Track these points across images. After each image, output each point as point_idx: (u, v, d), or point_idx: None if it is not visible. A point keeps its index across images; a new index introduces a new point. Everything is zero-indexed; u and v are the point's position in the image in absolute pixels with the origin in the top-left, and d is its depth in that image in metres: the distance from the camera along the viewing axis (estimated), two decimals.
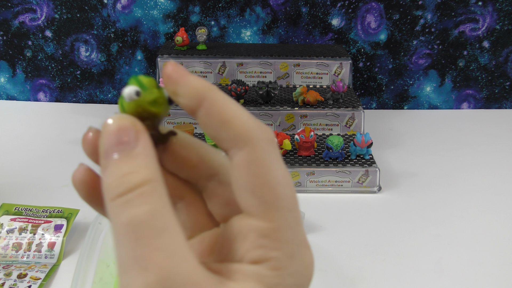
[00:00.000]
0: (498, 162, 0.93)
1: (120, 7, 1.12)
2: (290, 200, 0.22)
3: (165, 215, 0.19)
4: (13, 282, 0.60)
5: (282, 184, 0.21)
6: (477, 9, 1.10)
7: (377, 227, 0.73)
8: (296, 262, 0.22)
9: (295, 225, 0.22)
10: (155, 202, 0.19)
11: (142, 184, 0.20)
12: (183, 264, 0.19)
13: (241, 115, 0.21)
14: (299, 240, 0.22)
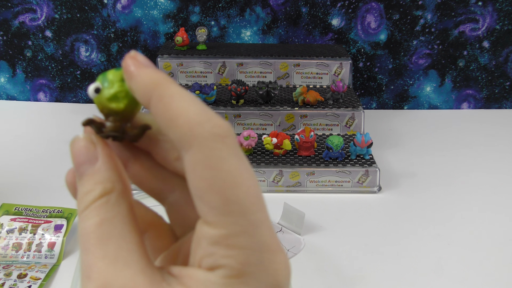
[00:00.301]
0: (498, 162, 0.93)
1: (120, 7, 1.12)
2: (244, 202, 0.19)
3: (114, 224, 0.20)
4: (13, 282, 0.60)
5: (232, 185, 0.19)
6: (477, 9, 1.10)
7: (377, 227, 0.73)
8: (255, 270, 0.20)
9: (252, 230, 0.19)
10: (104, 213, 0.20)
11: (96, 199, 0.20)
12: (123, 271, 0.19)
13: (188, 111, 0.19)
14: (260, 245, 0.20)
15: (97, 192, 0.21)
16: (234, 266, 0.19)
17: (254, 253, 0.20)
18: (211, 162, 0.19)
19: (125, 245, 0.20)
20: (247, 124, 0.93)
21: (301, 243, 0.69)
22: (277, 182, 0.82)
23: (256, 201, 0.20)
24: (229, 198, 0.19)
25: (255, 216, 0.20)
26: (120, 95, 0.22)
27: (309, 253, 0.67)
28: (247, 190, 0.20)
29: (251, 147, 0.84)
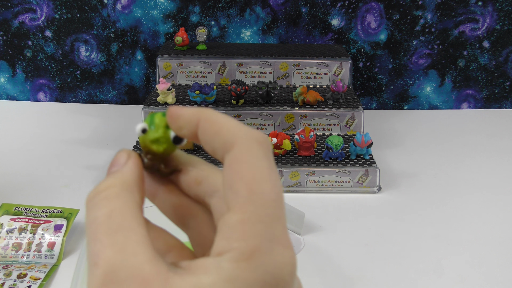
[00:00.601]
0: (498, 162, 0.93)
1: (120, 7, 1.12)
2: (267, 196, 0.22)
3: (124, 215, 0.22)
4: (13, 282, 0.60)
5: (260, 180, 0.22)
6: (477, 9, 1.10)
7: (377, 227, 0.73)
8: (264, 258, 0.21)
9: (269, 221, 0.21)
10: (115, 204, 0.22)
11: (107, 188, 0.23)
12: (131, 259, 0.20)
13: (229, 124, 0.23)
14: (273, 237, 0.21)
15: (108, 182, 0.23)
16: (245, 250, 0.21)
17: (266, 242, 0.21)
18: (246, 158, 0.22)
19: (134, 237, 0.21)
20: (247, 124, 0.93)
21: (301, 243, 0.69)
22: None
23: (277, 199, 0.22)
24: (255, 190, 0.22)
25: (274, 211, 0.22)
26: (162, 140, 0.25)
27: (309, 253, 0.67)
28: (271, 188, 0.22)
29: None
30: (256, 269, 0.21)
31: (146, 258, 0.21)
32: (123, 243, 0.21)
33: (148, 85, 1.18)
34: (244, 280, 0.20)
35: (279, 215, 0.22)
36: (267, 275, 0.21)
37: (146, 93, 1.19)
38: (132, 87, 1.19)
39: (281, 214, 0.22)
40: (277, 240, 0.21)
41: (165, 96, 0.92)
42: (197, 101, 0.92)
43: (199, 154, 0.84)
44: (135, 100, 1.20)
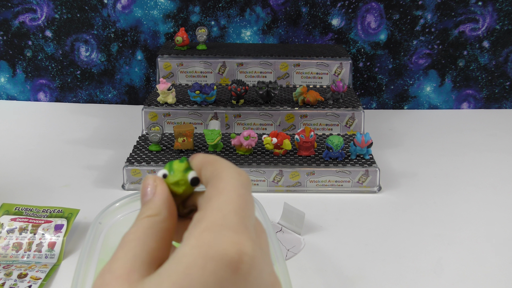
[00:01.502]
0: (498, 162, 0.93)
1: (120, 7, 1.12)
2: (231, 196, 0.27)
3: (143, 235, 0.28)
4: (14, 282, 0.60)
5: (230, 188, 0.27)
6: (477, 9, 1.10)
7: (377, 227, 0.73)
8: (210, 237, 0.25)
9: (226, 212, 0.26)
10: (141, 226, 0.28)
11: (144, 217, 0.29)
12: (128, 257, 0.27)
13: (221, 160, 0.30)
14: (225, 223, 0.25)
15: (147, 213, 0.29)
16: (196, 232, 0.25)
17: (216, 226, 0.25)
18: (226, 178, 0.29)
19: (143, 247, 0.27)
20: (247, 124, 0.93)
21: (301, 243, 0.69)
22: (277, 182, 0.82)
23: (240, 201, 0.27)
24: (222, 192, 0.27)
25: (234, 207, 0.26)
26: (181, 182, 0.31)
27: (309, 253, 0.67)
28: (238, 195, 0.27)
29: (251, 147, 0.84)
30: (200, 246, 0.24)
31: (141, 259, 0.27)
32: (132, 247, 0.27)
33: (148, 85, 1.18)
34: (189, 255, 0.24)
35: (239, 212, 0.26)
36: (211, 250, 0.24)
37: (146, 93, 1.19)
38: (132, 87, 1.19)
39: (241, 212, 0.26)
40: (229, 227, 0.25)
41: (165, 96, 0.92)
42: (197, 101, 0.92)
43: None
44: (135, 100, 1.20)
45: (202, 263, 0.24)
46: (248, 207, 0.27)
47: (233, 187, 0.28)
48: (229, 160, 0.82)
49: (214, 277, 0.24)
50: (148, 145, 0.87)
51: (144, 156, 0.84)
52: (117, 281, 0.25)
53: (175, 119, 0.93)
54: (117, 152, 0.95)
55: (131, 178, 0.82)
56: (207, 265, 0.24)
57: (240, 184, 0.28)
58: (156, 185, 0.30)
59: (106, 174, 0.87)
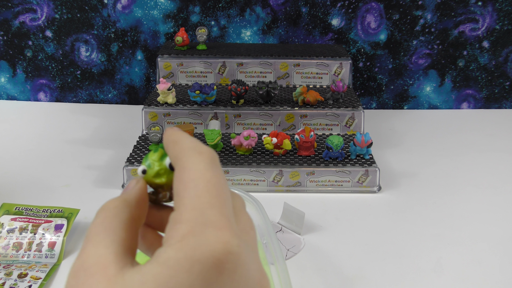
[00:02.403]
0: (498, 162, 0.93)
1: (120, 7, 1.12)
2: (201, 188, 0.26)
3: (112, 221, 0.27)
4: (14, 281, 0.60)
5: (195, 178, 0.26)
6: (477, 9, 1.10)
7: (377, 227, 0.74)
8: (194, 239, 0.24)
9: (203, 208, 0.25)
10: (108, 214, 0.27)
11: (108, 203, 0.28)
12: (102, 250, 0.25)
13: (182, 140, 0.28)
14: (206, 221, 0.25)
15: (114, 200, 0.28)
16: (177, 234, 0.24)
17: (198, 225, 0.24)
18: (187, 166, 0.27)
19: (112, 236, 0.26)
20: (247, 124, 0.93)
21: (301, 242, 0.69)
22: (277, 182, 0.82)
23: (211, 189, 0.26)
24: (189, 186, 0.26)
25: (209, 199, 0.25)
26: (161, 172, 0.29)
27: (309, 253, 0.67)
28: (205, 182, 0.26)
29: (251, 147, 0.84)
30: (186, 249, 0.24)
31: (113, 250, 0.25)
32: (101, 239, 0.26)
33: (148, 85, 1.19)
34: (175, 259, 0.23)
35: (215, 203, 0.25)
36: (197, 252, 0.23)
37: (146, 93, 1.19)
38: (132, 87, 1.19)
39: (216, 202, 0.25)
40: (211, 224, 0.24)
41: (165, 96, 0.92)
42: (197, 101, 0.92)
43: None
44: (135, 100, 1.20)
45: (189, 266, 0.23)
46: (221, 191, 0.26)
47: (198, 174, 0.26)
48: (229, 160, 0.83)
49: (201, 279, 0.23)
50: (148, 145, 0.87)
51: (144, 156, 0.84)
52: (94, 279, 0.24)
53: (175, 119, 0.93)
54: (117, 152, 0.95)
55: (131, 178, 0.82)
56: (193, 268, 0.23)
57: (204, 168, 0.26)
58: (139, 181, 0.30)
59: (106, 174, 0.87)
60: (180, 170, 0.27)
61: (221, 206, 0.26)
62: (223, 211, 0.25)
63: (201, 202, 0.25)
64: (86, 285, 0.24)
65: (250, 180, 0.82)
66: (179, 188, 0.26)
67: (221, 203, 0.26)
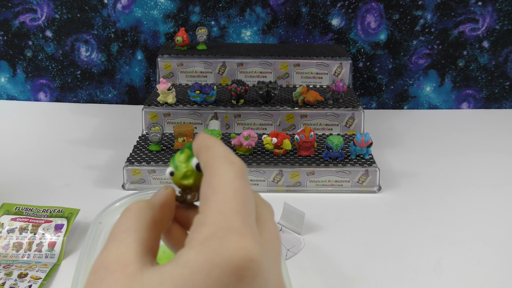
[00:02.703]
0: (498, 162, 0.93)
1: (120, 7, 1.12)
2: (229, 195, 0.26)
3: (134, 222, 0.27)
4: (14, 281, 0.60)
5: (224, 185, 0.26)
6: (477, 9, 1.10)
7: (377, 227, 0.74)
8: (216, 243, 0.24)
9: (228, 214, 0.25)
10: (131, 215, 0.28)
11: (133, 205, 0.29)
12: (123, 248, 0.26)
13: (215, 147, 0.29)
14: (230, 226, 0.25)
15: (139, 202, 0.29)
16: (200, 237, 0.24)
17: (221, 230, 0.24)
18: (217, 172, 0.27)
19: (133, 235, 0.26)
20: (247, 124, 0.93)
21: (301, 242, 0.69)
22: (277, 182, 0.82)
23: (238, 197, 0.26)
24: (218, 191, 0.26)
25: (235, 206, 0.26)
26: (188, 173, 0.30)
27: (309, 253, 0.67)
28: (234, 190, 0.26)
29: (251, 147, 0.84)
30: (206, 251, 0.24)
31: (134, 250, 0.26)
32: (123, 238, 0.26)
33: (148, 85, 1.19)
34: (195, 261, 0.23)
35: (240, 210, 0.25)
36: (217, 256, 0.23)
37: (147, 93, 1.19)
38: (132, 87, 1.19)
39: (242, 210, 0.26)
40: (234, 230, 0.24)
41: (166, 96, 0.92)
42: (197, 101, 0.92)
43: None
44: (136, 100, 1.20)
45: (207, 270, 0.23)
46: (247, 201, 0.27)
47: (227, 182, 0.27)
48: None
49: (219, 284, 0.23)
50: (148, 145, 0.87)
51: (144, 156, 0.84)
52: (113, 276, 0.24)
53: (175, 119, 0.93)
54: (117, 152, 0.95)
55: (131, 178, 0.82)
56: (212, 271, 0.23)
57: (234, 177, 0.27)
58: (167, 188, 0.31)
59: (106, 174, 0.87)
60: (209, 175, 0.27)
61: (246, 214, 0.26)
62: (247, 219, 0.25)
63: (227, 208, 0.25)
64: (105, 282, 0.24)
65: (250, 180, 0.82)
66: (207, 192, 0.27)
67: (246, 211, 0.26)
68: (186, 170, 0.30)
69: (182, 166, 0.30)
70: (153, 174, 0.82)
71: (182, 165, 0.30)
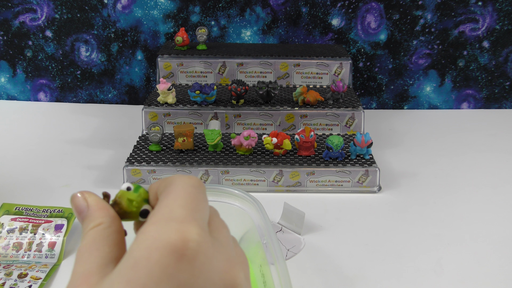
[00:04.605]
0: (498, 162, 0.93)
1: (120, 7, 1.12)
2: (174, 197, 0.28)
3: (96, 242, 0.29)
4: (14, 282, 0.60)
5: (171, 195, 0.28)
6: (477, 9, 1.10)
7: (377, 227, 0.74)
8: (160, 232, 0.26)
9: (173, 208, 0.27)
10: (92, 236, 0.29)
11: (90, 229, 0.30)
12: (84, 266, 0.27)
13: (174, 177, 0.31)
14: (172, 216, 0.26)
15: (90, 226, 0.30)
16: (145, 228, 0.26)
17: (163, 220, 0.26)
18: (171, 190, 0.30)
19: (96, 253, 0.28)
20: (247, 124, 0.93)
21: (301, 243, 0.69)
22: (277, 182, 0.82)
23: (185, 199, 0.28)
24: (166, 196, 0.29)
25: (179, 202, 0.28)
26: (135, 204, 0.31)
27: (309, 253, 0.67)
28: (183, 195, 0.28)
29: (251, 147, 0.84)
30: (147, 239, 0.25)
31: (96, 265, 0.27)
32: (86, 258, 0.28)
33: (148, 85, 1.19)
34: (137, 250, 0.25)
35: (187, 206, 0.27)
36: (156, 241, 0.25)
37: (147, 93, 1.19)
38: (132, 87, 1.19)
39: (189, 206, 0.27)
40: (176, 219, 0.26)
41: (166, 96, 0.92)
42: (197, 101, 0.92)
43: (199, 153, 0.85)
44: (136, 100, 1.20)
45: (147, 255, 0.25)
46: (198, 204, 0.28)
47: (181, 186, 0.28)
48: (229, 160, 0.83)
49: (159, 266, 0.24)
50: (148, 145, 0.87)
51: (144, 156, 0.84)
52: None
53: (175, 119, 0.93)
54: (117, 152, 0.95)
55: (131, 178, 0.82)
56: (152, 255, 0.24)
57: (189, 185, 0.29)
58: (86, 197, 0.31)
59: (106, 174, 0.87)
60: (168, 186, 0.29)
61: (192, 209, 0.27)
62: (193, 213, 0.27)
63: (175, 203, 0.27)
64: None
65: (250, 180, 0.82)
66: (162, 196, 0.29)
67: (193, 207, 0.27)
68: (136, 201, 0.31)
69: (139, 198, 0.31)
70: (153, 174, 0.82)
71: (139, 197, 0.31)
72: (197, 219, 0.27)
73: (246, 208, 0.55)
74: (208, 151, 0.85)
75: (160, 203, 0.28)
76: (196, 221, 0.26)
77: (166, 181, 0.30)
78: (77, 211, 0.31)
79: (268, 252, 0.49)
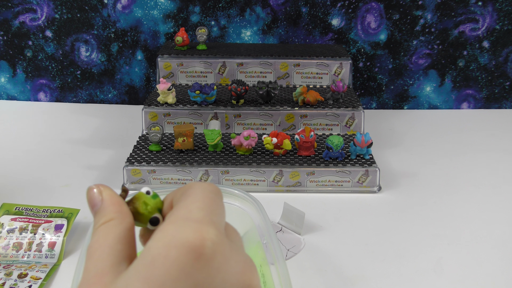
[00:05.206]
0: (498, 162, 0.93)
1: (120, 7, 1.12)
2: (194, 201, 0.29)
3: (107, 239, 0.28)
4: (14, 282, 0.60)
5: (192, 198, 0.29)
6: (477, 9, 1.10)
7: (377, 227, 0.74)
8: (179, 231, 0.26)
9: (191, 210, 0.28)
10: (103, 232, 0.29)
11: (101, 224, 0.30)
12: (97, 265, 0.27)
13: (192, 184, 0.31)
14: (189, 216, 0.27)
15: (102, 221, 0.29)
16: (163, 228, 0.26)
17: (182, 220, 0.27)
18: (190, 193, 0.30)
19: (108, 251, 0.28)
20: (247, 124, 0.93)
21: (301, 243, 0.69)
22: (277, 182, 0.82)
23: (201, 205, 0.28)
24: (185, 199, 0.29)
25: (197, 205, 0.28)
26: (149, 209, 0.31)
27: (309, 253, 0.67)
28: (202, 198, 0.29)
29: (251, 147, 0.84)
30: (165, 237, 0.26)
31: (109, 263, 0.27)
32: (98, 256, 0.28)
33: (148, 85, 1.19)
34: (155, 248, 0.25)
35: (205, 209, 0.28)
36: (174, 239, 0.25)
37: (147, 93, 1.19)
38: (132, 87, 1.19)
39: (207, 208, 0.28)
40: (194, 219, 0.26)
41: (166, 96, 0.92)
42: (197, 101, 0.92)
43: (199, 153, 0.85)
44: (136, 100, 1.20)
45: (165, 253, 0.25)
46: (216, 208, 0.28)
47: (200, 191, 0.29)
48: (229, 160, 0.83)
49: (177, 264, 0.24)
50: (148, 145, 0.87)
51: (144, 156, 0.84)
52: (93, 287, 0.26)
53: (175, 119, 0.93)
54: (117, 152, 0.95)
55: (131, 178, 0.82)
56: (170, 253, 0.25)
57: (207, 190, 0.29)
58: (101, 191, 0.31)
59: (106, 174, 0.87)
60: (187, 190, 0.30)
61: (210, 212, 0.28)
62: (210, 215, 0.27)
63: (193, 205, 0.28)
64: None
65: (250, 180, 0.82)
66: (181, 198, 0.29)
67: (211, 211, 0.28)
68: (151, 207, 0.31)
69: (153, 204, 0.31)
70: (153, 174, 0.82)
71: (154, 204, 0.31)
72: (215, 222, 0.27)
73: (246, 208, 0.55)
74: (208, 151, 0.85)
75: (179, 205, 0.28)
76: (213, 223, 0.27)
77: (183, 188, 0.30)
78: (90, 204, 0.31)
79: (268, 252, 0.49)
